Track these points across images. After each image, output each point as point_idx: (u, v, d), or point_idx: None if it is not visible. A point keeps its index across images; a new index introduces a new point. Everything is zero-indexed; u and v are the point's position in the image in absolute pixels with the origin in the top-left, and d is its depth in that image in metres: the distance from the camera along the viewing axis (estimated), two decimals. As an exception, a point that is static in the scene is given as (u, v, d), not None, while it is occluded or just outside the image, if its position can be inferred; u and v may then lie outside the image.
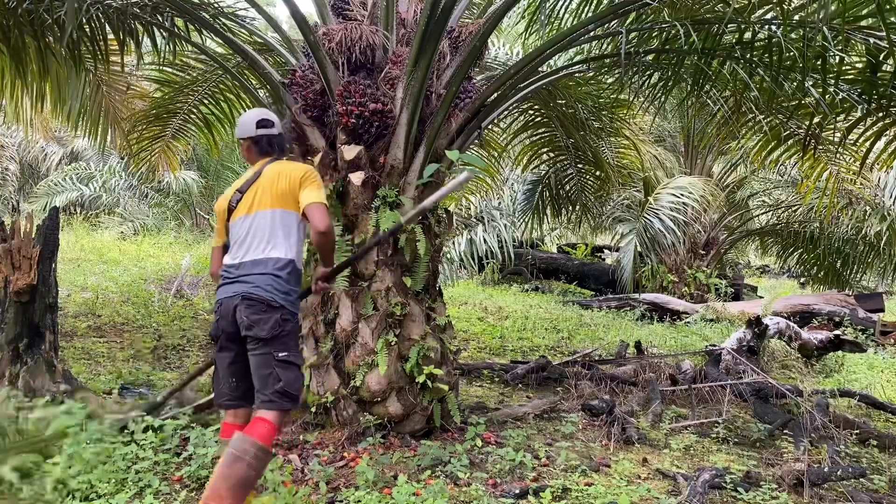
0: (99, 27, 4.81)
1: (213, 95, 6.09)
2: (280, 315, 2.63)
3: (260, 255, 2.70)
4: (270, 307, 2.62)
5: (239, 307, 2.62)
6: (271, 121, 2.98)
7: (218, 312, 2.72)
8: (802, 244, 11.09)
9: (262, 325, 2.59)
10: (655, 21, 4.20)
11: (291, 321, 2.68)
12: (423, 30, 3.58)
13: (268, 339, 2.59)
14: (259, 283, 2.64)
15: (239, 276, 2.70)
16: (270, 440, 2.55)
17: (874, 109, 4.03)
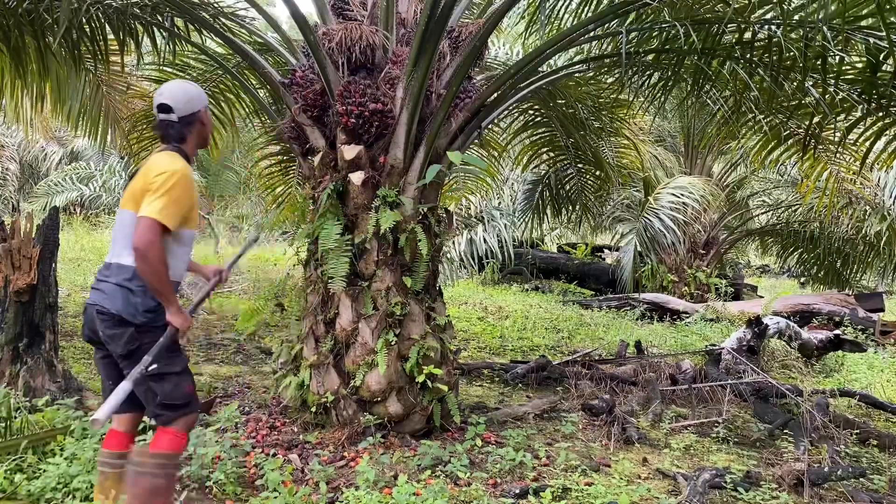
0: (99, 27, 4.81)
1: (213, 95, 6.09)
2: (134, 330, 2.39)
3: (114, 260, 2.47)
4: (122, 322, 2.39)
5: (95, 318, 2.43)
6: (168, 105, 2.53)
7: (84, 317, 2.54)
8: (802, 244, 11.09)
9: (117, 341, 2.39)
10: (655, 21, 4.20)
11: (151, 333, 2.41)
12: (423, 30, 3.58)
13: (126, 356, 2.40)
14: (110, 293, 2.40)
15: (100, 280, 2.47)
16: (174, 445, 2.47)
17: (874, 109, 4.03)
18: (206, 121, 2.67)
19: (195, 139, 2.65)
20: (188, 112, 2.57)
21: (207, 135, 2.72)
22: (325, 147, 4.02)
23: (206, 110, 2.66)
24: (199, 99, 2.62)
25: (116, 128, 6.80)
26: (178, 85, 2.63)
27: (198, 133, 2.65)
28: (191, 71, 5.86)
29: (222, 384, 4.98)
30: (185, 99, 2.57)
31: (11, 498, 2.79)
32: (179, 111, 2.56)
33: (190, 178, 2.48)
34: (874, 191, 9.41)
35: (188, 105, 2.57)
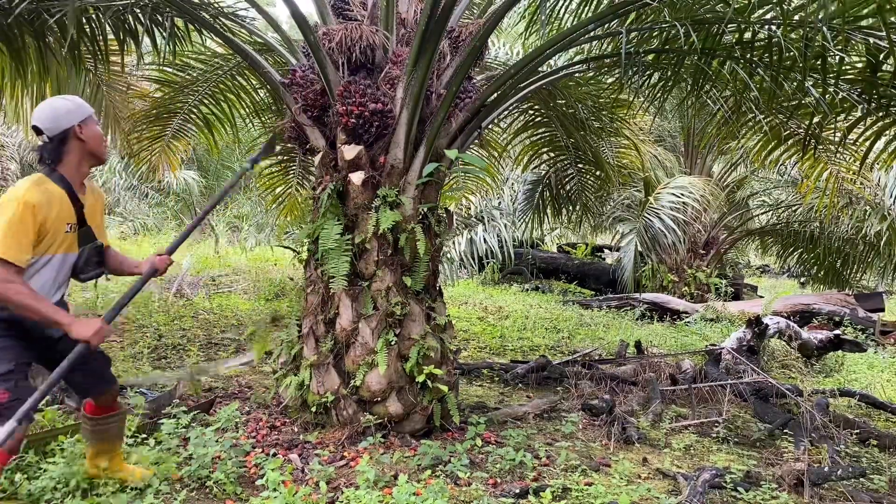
0: (99, 27, 4.81)
1: (213, 95, 6.10)
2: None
3: None
4: None
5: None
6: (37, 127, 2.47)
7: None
8: (802, 244, 11.09)
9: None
10: (655, 21, 4.20)
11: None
12: (423, 30, 3.58)
13: None
14: None
15: None
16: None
17: (874, 109, 4.03)
18: (88, 135, 2.53)
19: (77, 157, 2.54)
20: (58, 131, 2.47)
21: (94, 149, 2.57)
22: (325, 147, 4.02)
23: (83, 125, 2.52)
24: (69, 115, 2.49)
25: (116, 128, 6.80)
26: (47, 104, 2.52)
27: (78, 150, 2.53)
28: (191, 71, 5.86)
29: (222, 384, 4.98)
30: (52, 117, 2.47)
31: (11, 498, 2.79)
32: (49, 130, 2.48)
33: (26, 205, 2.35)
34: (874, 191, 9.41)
35: (56, 123, 2.47)
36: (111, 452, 2.98)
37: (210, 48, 5.98)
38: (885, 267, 10.50)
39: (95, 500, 2.80)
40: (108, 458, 2.96)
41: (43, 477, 2.91)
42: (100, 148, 2.59)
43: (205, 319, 7.38)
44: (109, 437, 2.97)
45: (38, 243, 2.44)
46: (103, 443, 2.95)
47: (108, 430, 2.95)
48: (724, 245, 11.95)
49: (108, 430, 2.96)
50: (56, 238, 2.48)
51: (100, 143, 2.59)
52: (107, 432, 2.95)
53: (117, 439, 3.02)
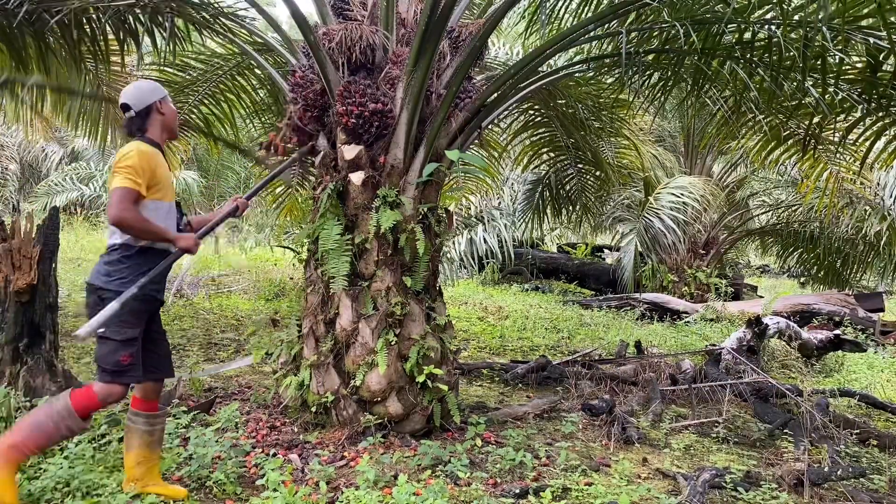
0: (99, 27, 4.81)
1: (213, 95, 6.10)
2: (97, 295, 2.72)
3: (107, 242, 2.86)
4: (91, 289, 2.76)
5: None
6: (127, 104, 2.88)
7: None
8: (802, 244, 11.09)
9: (89, 308, 2.76)
10: (655, 21, 4.20)
11: (109, 298, 2.68)
12: (423, 30, 3.58)
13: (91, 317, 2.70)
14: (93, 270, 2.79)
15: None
16: (79, 404, 2.68)
17: (874, 109, 4.03)
18: (166, 110, 2.94)
19: (159, 128, 2.93)
20: (143, 106, 2.88)
21: (171, 123, 2.98)
22: (325, 147, 4.02)
23: (162, 102, 2.93)
24: (151, 93, 2.91)
25: (116, 128, 6.80)
26: (132, 85, 2.96)
27: (159, 123, 2.92)
28: (191, 71, 5.87)
29: (222, 384, 4.98)
30: (138, 95, 2.88)
31: (12, 498, 2.79)
32: (135, 107, 2.87)
33: (147, 152, 2.76)
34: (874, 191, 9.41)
35: (141, 100, 2.88)
36: (151, 462, 2.93)
37: (210, 48, 5.99)
38: (885, 267, 10.51)
39: (95, 501, 2.80)
40: (146, 468, 2.89)
41: (43, 477, 2.91)
42: (175, 123, 3.01)
43: (205, 319, 7.38)
44: (154, 440, 2.94)
45: (156, 190, 2.79)
46: (147, 448, 2.90)
47: (154, 431, 2.94)
48: (724, 245, 11.95)
49: (155, 430, 2.94)
50: (166, 185, 2.86)
51: (175, 119, 3.00)
52: (153, 434, 2.93)
53: (159, 445, 2.98)
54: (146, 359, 2.90)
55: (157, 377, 2.96)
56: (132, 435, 2.90)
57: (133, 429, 2.90)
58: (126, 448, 2.92)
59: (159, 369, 2.97)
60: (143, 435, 2.90)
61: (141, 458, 2.89)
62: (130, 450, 2.90)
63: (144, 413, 2.92)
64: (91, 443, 3.31)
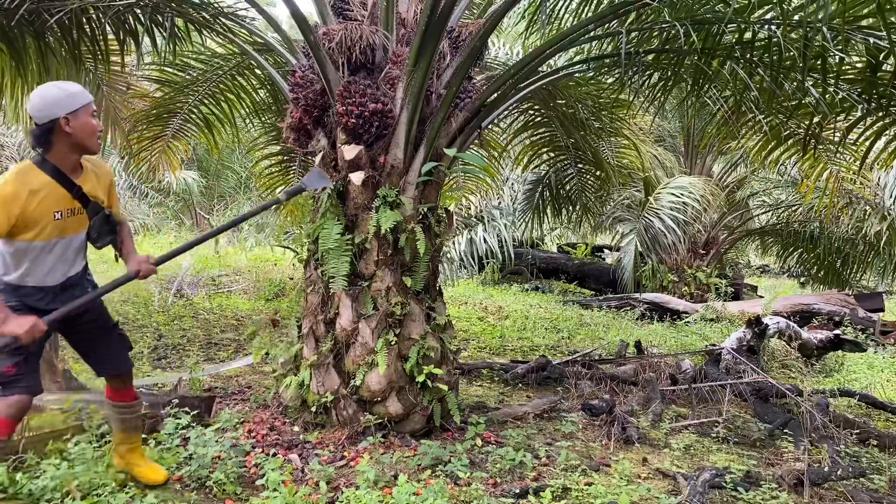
0: (99, 27, 4.81)
1: (213, 95, 6.09)
2: None
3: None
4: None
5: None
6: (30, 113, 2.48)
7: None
8: (802, 244, 11.09)
9: None
10: (655, 21, 4.20)
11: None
12: (423, 30, 3.58)
13: None
14: None
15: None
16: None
17: (874, 109, 4.03)
18: (75, 127, 2.46)
19: (65, 147, 2.50)
20: (46, 119, 2.44)
21: (84, 140, 2.51)
22: (325, 147, 4.02)
23: (71, 116, 2.44)
24: (57, 105, 2.43)
25: (116, 128, 6.80)
26: (39, 90, 2.48)
27: (66, 142, 2.48)
28: (191, 71, 5.87)
29: (222, 384, 4.98)
30: (41, 105, 2.44)
31: (12, 498, 2.79)
32: (37, 118, 2.45)
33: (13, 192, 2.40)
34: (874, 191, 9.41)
35: (44, 112, 2.43)
36: (131, 443, 3.07)
37: (210, 48, 5.98)
38: (885, 267, 10.51)
39: (95, 501, 2.80)
40: (128, 448, 3.06)
41: (43, 477, 2.91)
42: (89, 140, 2.52)
43: (205, 319, 7.39)
44: (129, 426, 3.05)
45: (24, 231, 2.47)
46: (124, 432, 3.04)
47: (125, 419, 3.03)
48: (724, 245, 11.95)
49: (126, 419, 3.03)
50: (44, 225, 2.49)
51: (89, 136, 2.51)
52: (125, 422, 3.03)
53: (136, 430, 3.08)
54: (93, 353, 2.94)
55: (108, 372, 2.98)
56: (111, 421, 3.09)
57: (111, 416, 3.08)
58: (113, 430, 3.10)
59: (108, 364, 2.97)
60: (117, 422, 3.03)
61: (122, 440, 3.05)
62: (114, 433, 3.08)
63: (112, 403, 3.03)
64: (91, 443, 3.30)
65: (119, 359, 2.98)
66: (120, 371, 2.99)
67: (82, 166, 2.63)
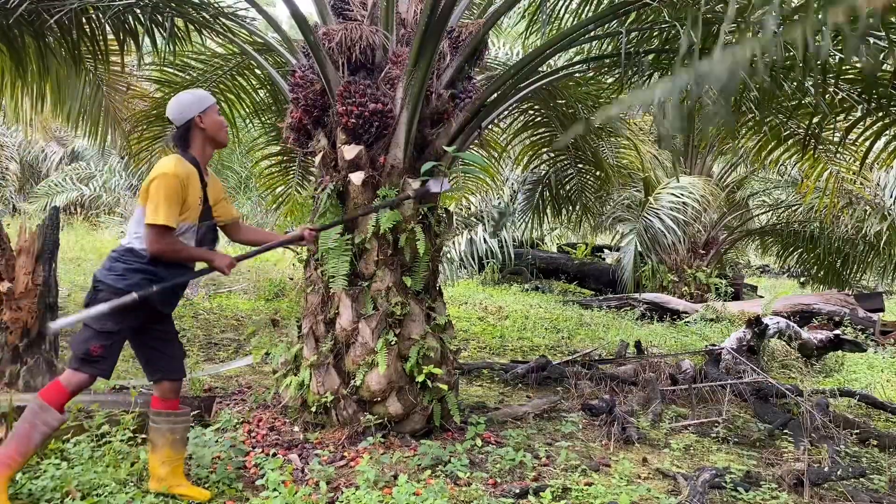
0: (99, 27, 4.82)
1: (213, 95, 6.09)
2: (94, 286, 2.78)
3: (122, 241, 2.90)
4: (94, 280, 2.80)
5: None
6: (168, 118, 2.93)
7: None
8: (802, 244, 11.09)
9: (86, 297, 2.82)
10: (655, 21, 4.20)
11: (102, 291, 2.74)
12: (423, 30, 3.58)
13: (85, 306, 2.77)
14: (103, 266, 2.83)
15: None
16: (49, 396, 2.71)
17: (874, 109, 4.03)
18: (208, 123, 2.89)
19: (200, 143, 2.91)
20: (183, 120, 2.86)
21: (215, 135, 2.93)
22: (325, 147, 4.02)
23: (204, 114, 2.87)
24: (191, 106, 2.87)
25: (116, 128, 6.80)
26: (175, 98, 2.92)
27: (201, 137, 2.90)
28: (191, 71, 5.86)
29: (222, 384, 4.98)
30: (178, 109, 2.86)
31: (12, 498, 2.79)
32: (176, 121, 2.88)
33: (175, 177, 2.73)
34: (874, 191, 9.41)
35: (181, 115, 2.86)
36: (175, 462, 2.94)
37: (210, 48, 5.98)
38: (885, 267, 10.51)
39: (95, 501, 2.80)
40: (170, 468, 2.92)
41: (43, 477, 2.91)
42: (220, 134, 2.95)
43: (205, 319, 7.38)
44: (177, 439, 2.95)
45: (183, 212, 2.79)
46: (170, 447, 2.92)
47: (176, 430, 2.95)
48: (724, 245, 11.95)
49: (177, 429, 2.95)
50: (193, 209, 2.85)
51: (219, 130, 2.94)
52: (175, 433, 2.94)
53: (183, 445, 2.99)
54: (155, 359, 2.95)
55: (168, 377, 2.97)
56: (156, 435, 2.92)
57: (156, 429, 2.93)
58: (151, 449, 2.95)
59: (169, 370, 2.97)
60: (166, 434, 2.91)
61: (165, 458, 2.91)
62: (155, 450, 2.92)
63: (165, 412, 2.94)
64: (91, 443, 3.30)
65: (180, 365, 3.03)
66: (179, 377, 3.02)
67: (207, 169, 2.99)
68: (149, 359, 2.96)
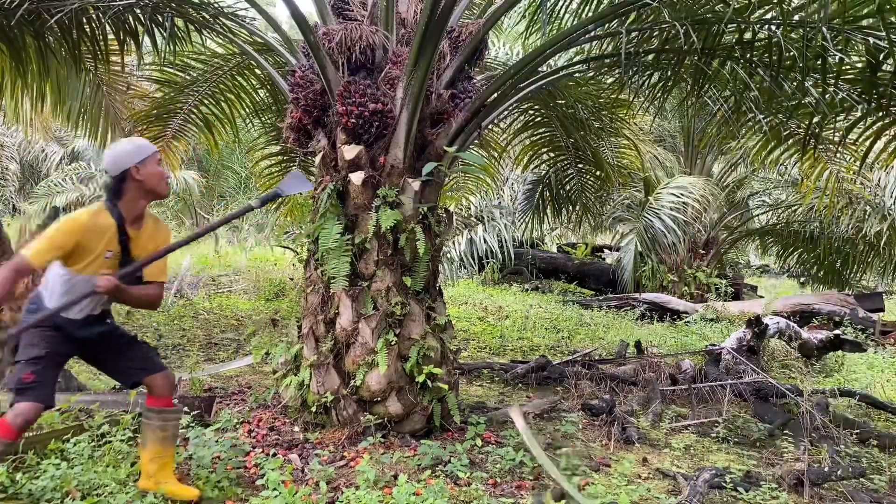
0: (99, 27, 4.81)
1: (213, 95, 6.10)
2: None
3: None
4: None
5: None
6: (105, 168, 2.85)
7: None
8: (802, 244, 11.08)
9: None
10: (655, 21, 4.20)
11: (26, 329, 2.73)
12: (423, 30, 3.58)
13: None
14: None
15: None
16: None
17: (874, 109, 4.03)
18: (145, 175, 2.76)
19: (134, 194, 2.78)
20: (118, 170, 2.76)
21: (154, 187, 2.80)
22: (325, 147, 4.02)
23: (141, 164, 2.75)
24: (129, 156, 2.75)
25: (117, 128, 6.80)
26: (112, 147, 2.84)
27: (136, 188, 2.78)
28: (191, 71, 5.87)
29: (222, 384, 4.98)
30: (114, 158, 2.77)
31: (12, 498, 2.79)
32: (110, 171, 2.78)
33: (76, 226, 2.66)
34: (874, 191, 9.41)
35: (116, 164, 2.76)
36: (164, 458, 2.94)
37: (210, 48, 5.98)
38: (885, 267, 10.50)
39: (95, 501, 2.80)
40: (159, 465, 2.91)
41: (43, 477, 2.91)
42: (158, 186, 2.81)
43: (205, 319, 7.39)
44: (168, 436, 2.94)
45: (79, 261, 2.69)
46: (160, 444, 2.92)
47: (167, 426, 2.94)
48: (724, 245, 11.94)
49: (168, 426, 2.94)
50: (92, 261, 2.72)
51: (158, 182, 2.81)
52: (166, 430, 2.93)
53: (173, 442, 2.99)
54: (118, 369, 2.97)
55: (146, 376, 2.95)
56: (146, 431, 2.93)
57: (147, 425, 2.93)
58: (141, 445, 2.96)
59: (145, 368, 2.96)
60: (157, 431, 2.91)
61: (154, 455, 2.91)
62: (145, 446, 2.93)
63: (156, 409, 2.94)
64: (91, 443, 3.31)
65: (153, 361, 2.99)
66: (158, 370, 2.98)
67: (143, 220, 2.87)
68: (111, 370, 3.00)
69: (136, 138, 2.93)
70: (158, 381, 2.97)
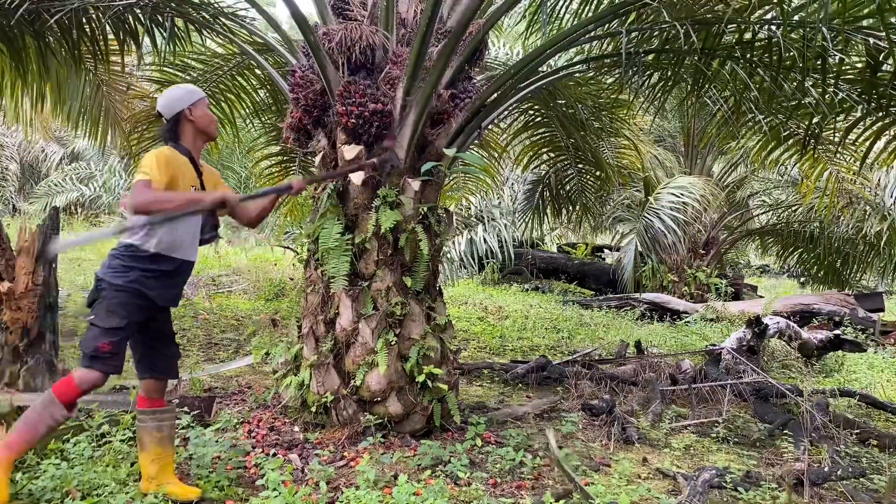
0: (99, 27, 4.82)
1: (213, 96, 6.10)
2: (97, 286, 2.81)
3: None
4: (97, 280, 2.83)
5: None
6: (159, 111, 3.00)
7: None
8: (802, 244, 11.09)
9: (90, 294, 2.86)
10: (655, 21, 4.20)
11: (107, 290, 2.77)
12: (424, 30, 3.58)
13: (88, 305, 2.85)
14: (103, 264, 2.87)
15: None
16: (61, 392, 2.71)
17: (874, 109, 4.03)
18: (197, 116, 2.95)
19: (191, 134, 2.97)
20: (172, 113, 2.94)
21: (205, 127, 2.99)
22: (325, 147, 4.02)
23: (193, 107, 2.94)
24: (181, 100, 2.94)
25: (116, 128, 6.81)
26: (165, 92, 3.02)
27: (191, 129, 2.96)
28: (191, 71, 5.87)
29: (222, 384, 4.98)
30: (167, 103, 2.95)
31: (12, 498, 2.79)
32: (166, 114, 2.96)
33: (167, 155, 2.81)
34: (874, 191, 9.42)
35: (170, 108, 2.94)
36: (164, 459, 2.94)
37: (210, 48, 5.99)
38: (885, 267, 10.51)
39: (95, 500, 2.80)
40: (160, 466, 2.91)
41: (43, 477, 2.91)
42: (210, 127, 3.02)
43: (205, 319, 7.38)
44: (164, 436, 2.95)
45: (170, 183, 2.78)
46: (158, 445, 2.92)
47: (162, 427, 2.95)
48: (724, 245, 11.94)
49: (163, 426, 2.95)
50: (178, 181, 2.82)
51: (209, 123, 3.01)
52: (161, 430, 2.94)
53: (170, 442, 2.99)
54: (150, 357, 2.96)
55: (158, 377, 2.98)
56: (143, 434, 2.93)
57: (143, 428, 2.94)
58: (140, 448, 2.96)
59: (162, 370, 2.99)
60: (153, 432, 2.92)
61: (154, 456, 2.92)
62: (144, 449, 2.93)
63: (150, 411, 2.95)
64: (91, 443, 3.31)
65: (172, 367, 3.06)
66: (171, 377, 3.06)
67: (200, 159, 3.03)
68: (143, 355, 2.98)
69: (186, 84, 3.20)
70: (161, 385, 3.00)
